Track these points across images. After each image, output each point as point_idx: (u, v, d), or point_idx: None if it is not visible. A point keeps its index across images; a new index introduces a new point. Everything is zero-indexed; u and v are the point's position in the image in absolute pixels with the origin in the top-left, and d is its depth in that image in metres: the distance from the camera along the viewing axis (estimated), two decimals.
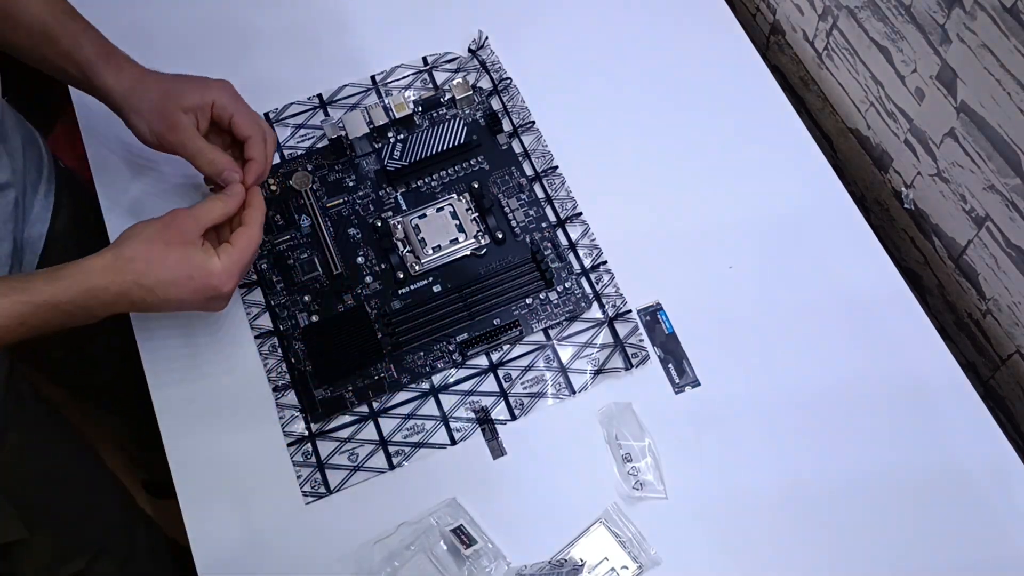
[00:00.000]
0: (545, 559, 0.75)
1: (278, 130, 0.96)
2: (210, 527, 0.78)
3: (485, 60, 0.99)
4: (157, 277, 0.73)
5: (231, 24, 1.03)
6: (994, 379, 0.88)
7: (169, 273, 0.73)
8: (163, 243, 0.74)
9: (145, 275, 0.72)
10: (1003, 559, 0.75)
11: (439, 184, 0.92)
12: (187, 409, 0.83)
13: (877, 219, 0.98)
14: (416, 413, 0.82)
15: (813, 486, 0.78)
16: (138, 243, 0.73)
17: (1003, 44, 0.70)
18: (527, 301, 0.86)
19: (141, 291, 0.72)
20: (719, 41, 1.00)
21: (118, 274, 0.72)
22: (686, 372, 0.82)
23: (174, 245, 0.74)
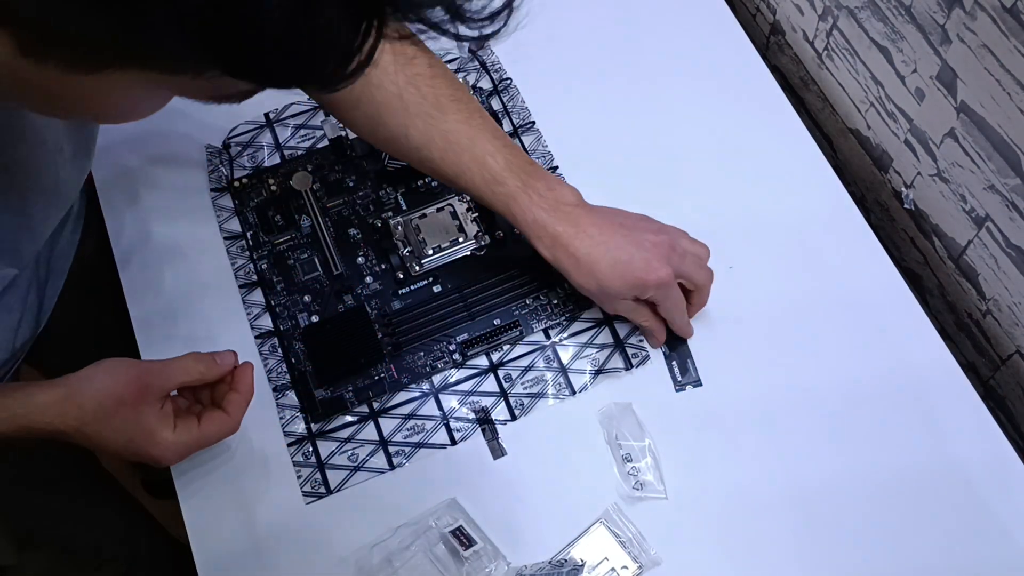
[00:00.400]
0: (545, 559, 0.75)
1: (278, 130, 0.96)
2: (210, 527, 0.78)
3: (485, 60, 0.99)
4: (99, 431, 0.68)
5: None
6: (994, 379, 0.88)
7: (111, 432, 0.69)
8: (117, 400, 0.68)
9: (88, 425, 0.68)
10: (1003, 559, 0.75)
11: (439, 184, 0.92)
12: None
13: (877, 219, 0.98)
14: (416, 413, 0.82)
15: (813, 486, 0.78)
16: (93, 392, 0.68)
17: (1003, 44, 0.70)
18: (527, 301, 0.86)
19: (79, 436, 0.68)
20: (719, 41, 1.00)
21: (62, 416, 0.67)
22: (689, 371, 0.82)
23: (129, 405, 0.69)
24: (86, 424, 0.68)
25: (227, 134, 0.96)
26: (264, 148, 0.95)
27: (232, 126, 0.96)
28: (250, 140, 0.96)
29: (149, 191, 0.93)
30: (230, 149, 0.95)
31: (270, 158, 0.95)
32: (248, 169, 0.94)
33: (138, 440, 0.70)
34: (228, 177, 0.94)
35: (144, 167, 0.94)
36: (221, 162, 0.94)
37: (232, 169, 0.94)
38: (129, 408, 0.69)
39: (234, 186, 0.93)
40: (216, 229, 0.91)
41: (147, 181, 0.94)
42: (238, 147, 0.95)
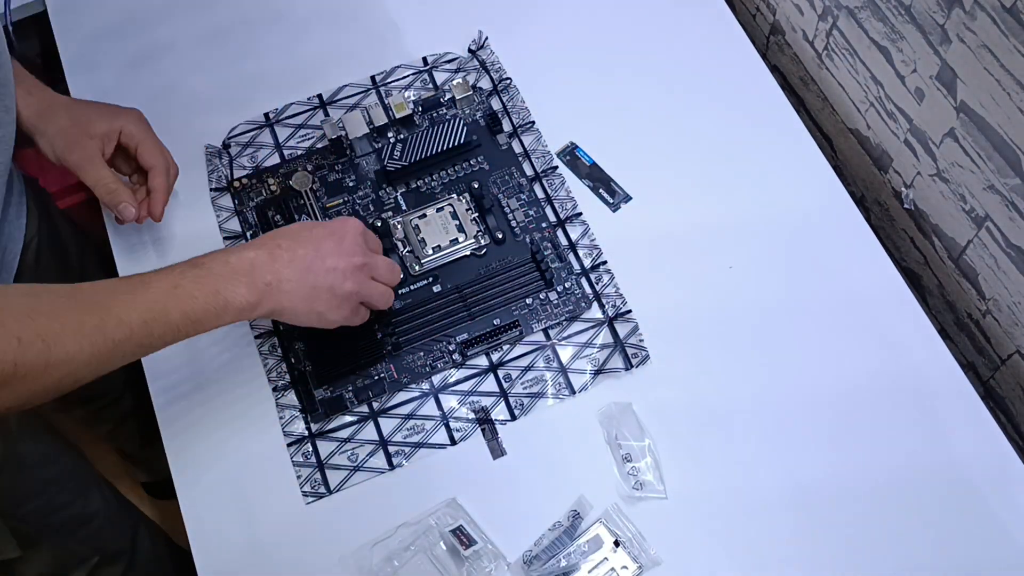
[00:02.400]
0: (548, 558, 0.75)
1: (278, 130, 0.96)
2: (210, 527, 0.78)
3: (485, 60, 0.99)
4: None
5: (231, 24, 1.03)
6: (994, 379, 0.88)
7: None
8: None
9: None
10: (1003, 559, 0.75)
11: (439, 184, 0.92)
12: (187, 409, 0.83)
13: (877, 219, 0.98)
14: (416, 413, 0.82)
15: (813, 486, 0.78)
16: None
17: (1003, 44, 0.70)
18: (527, 301, 0.86)
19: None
20: (719, 41, 1.00)
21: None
22: (616, 192, 0.79)
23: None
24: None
25: (227, 134, 0.96)
26: (264, 148, 0.95)
27: (232, 126, 0.96)
28: (250, 140, 0.96)
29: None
30: (230, 149, 0.95)
31: (270, 158, 0.95)
32: (248, 169, 0.94)
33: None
34: (228, 177, 0.94)
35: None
36: (221, 162, 0.94)
37: (232, 169, 0.94)
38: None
39: (234, 186, 0.93)
40: (216, 229, 0.91)
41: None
42: (238, 147, 0.95)
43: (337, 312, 0.76)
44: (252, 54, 1.01)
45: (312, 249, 0.74)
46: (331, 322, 0.76)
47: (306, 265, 0.73)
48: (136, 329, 0.65)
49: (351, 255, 0.75)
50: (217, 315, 0.69)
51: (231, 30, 1.03)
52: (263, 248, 0.72)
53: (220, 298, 0.69)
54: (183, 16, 1.04)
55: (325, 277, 0.74)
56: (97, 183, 0.83)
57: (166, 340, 0.68)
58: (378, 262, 0.79)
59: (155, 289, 0.67)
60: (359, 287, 0.76)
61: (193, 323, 0.68)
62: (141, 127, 0.85)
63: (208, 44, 1.02)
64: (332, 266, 0.74)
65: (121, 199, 0.83)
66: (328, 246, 0.75)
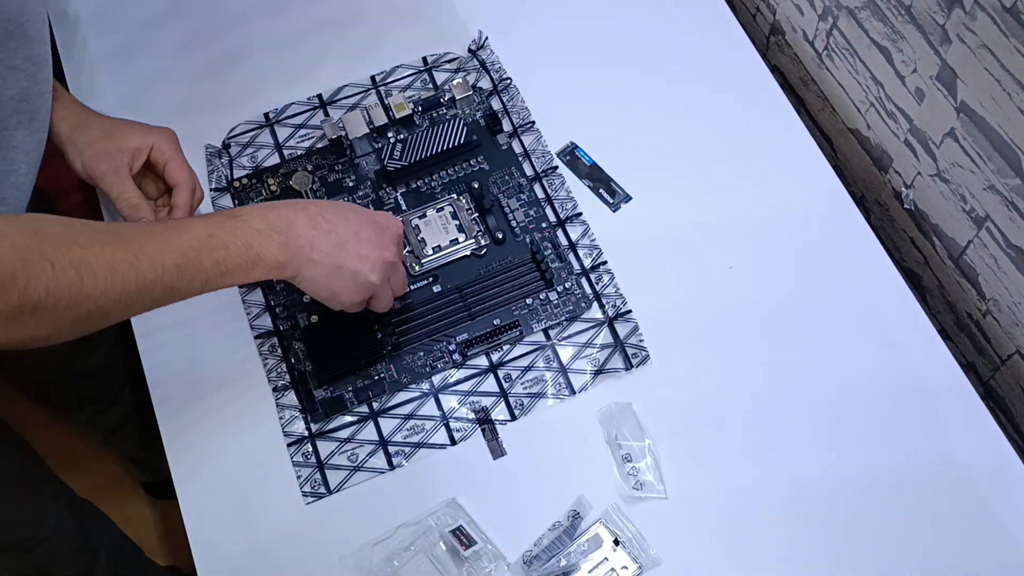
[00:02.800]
0: (548, 557, 0.75)
1: (278, 130, 0.96)
2: (210, 527, 0.78)
3: (485, 60, 0.99)
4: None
5: (231, 25, 1.03)
6: (994, 379, 0.88)
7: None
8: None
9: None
10: (1002, 559, 0.75)
11: (439, 184, 0.92)
12: (187, 409, 0.83)
13: (877, 219, 0.98)
14: (416, 413, 0.82)
15: (813, 486, 0.78)
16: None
17: (1003, 44, 0.70)
18: (527, 301, 0.86)
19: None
20: (719, 41, 1.00)
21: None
22: (616, 192, 0.79)
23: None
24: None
25: (227, 134, 0.96)
26: (264, 148, 0.95)
27: (232, 126, 0.96)
28: (250, 140, 0.96)
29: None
30: (230, 149, 0.95)
31: (270, 158, 0.95)
32: (248, 169, 0.94)
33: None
34: (228, 177, 0.94)
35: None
36: (221, 162, 0.94)
37: (232, 169, 0.94)
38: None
39: (234, 186, 0.93)
40: None
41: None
42: (238, 147, 0.95)
43: (350, 297, 0.76)
44: (252, 54, 1.01)
45: (352, 230, 0.74)
46: (340, 304, 0.77)
47: (342, 242, 0.73)
48: (168, 270, 0.65)
49: (386, 249, 0.76)
50: (247, 269, 0.69)
51: (231, 30, 1.03)
52: (304, 212, 0.73)
53: (252, 252, 0.69)
54: (183, 16, 1.04)
55: (355, 262, 0.74)
56: (120, 196, 0.83)
57: (194, 287, 0.68)
58: (400, 268, 0.80)
59: (191, 234, 0.67)
60: (380, 282, 0.77)
61: (222, 274, 0.68)
62: (172, 145, 0.85)
63: (208, 45, 1.01)
64: (365, 253, 0.75)
65: (142, 215, 0.83)
66: (367, 233, 0.75)
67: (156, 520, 1.48)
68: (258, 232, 0.70)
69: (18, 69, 0.72)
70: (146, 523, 1.48)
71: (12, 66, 0.71)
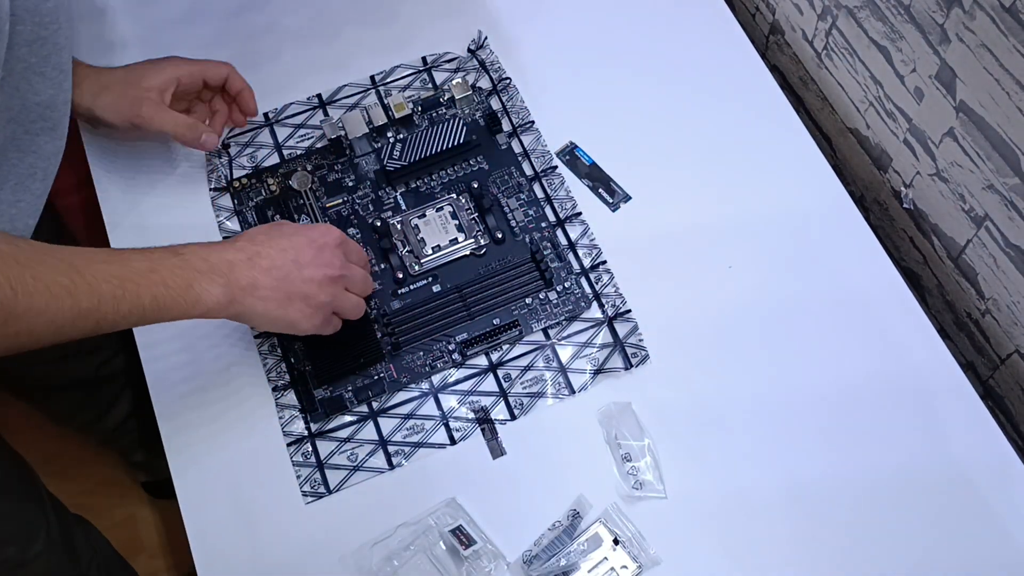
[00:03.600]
0: (548, 557, 0.75)
1: (277, 130, 0.96)
2: (210, 527, 0.78)
3: (484, 60, 0.99)
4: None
5: (230, 24, 1.03)
6: (993, 379, 0.88)
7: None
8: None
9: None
10: (1002, 558, 0.75)
11: (438, 184, 0.92)
12: (187, 409, 0.83)
13: (876, 219, 0.98)
14: (416, 413, 0.82)
15: (812, 485, 0.78)
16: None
17: (1002, 44, 0.70)
18: (527, 301, 0.86)
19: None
20: (718, 41, 1.00)
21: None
22: (615, 191, 0.80)
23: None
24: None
25: (226, 134, 0.96)
26: (263, 148, 0.95)
27: (231, 125, 0.96)
28: (249, 140, 0.96)
29: (148, 191, 0.93)
30: (229, 149, 0.95)
31: (269, 158, 0.95)
32: (247, 169, 0.94)
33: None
34: (228, 177, 0.94)
35: (143, 167, 0.94)
36: (221, 162, 0.94)
37: (232, 169, 0.94)
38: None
39: (233, 186, 0.93)
40: (216, 229, 0.91)
41: (146, 181, 0.94)
42: (237, 147, 0.95)
43: (308, 321, 0.76)
44: (251, 54, 1.01)
45: (291, 258, 0.74)
46: (302, 330, 0.76)
47: (284, 274, 0.73)
48: (105, 301, 0.65)
49: (328, 266, 0.76)
50: (186, 309, 0.69)
51: (230, 30, 1.03)
52: (242, 252, 0.73)
53: (192, 293, 0.69)
54: (182, 15, 1.04)
55: (301, 287, 0.74)
56: (175, 126, 0.87)
57: (130, 320, 0.67)
58: (354, 274, 0.79)
59: (131, 267, 0.67)
60: (332, 298, 0.76)
61: (160, 310, 0.68)
62: (188, 65, 0.89)
63: (207, 44, 1.01)
64: (309, 276, 0.74)
65: (201, 131, 0.88)
66: (307, 255, 0.75)
67: (156, 520, 1.48)
68: (199, 273, 0.70)
69: (47, 77, 0.73)
70: (146, 523, 1.48)
71: (41, 73, 0.72)
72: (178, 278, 0.68)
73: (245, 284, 0.71)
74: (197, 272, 0.69)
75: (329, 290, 0.76)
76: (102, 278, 0.65)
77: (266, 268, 0.73)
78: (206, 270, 0.70)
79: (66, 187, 1.21)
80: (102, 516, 1.24)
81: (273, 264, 0.73)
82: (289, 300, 0.73)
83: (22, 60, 0.70)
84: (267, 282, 0.72)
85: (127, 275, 0.66)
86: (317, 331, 0.77)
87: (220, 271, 0.70)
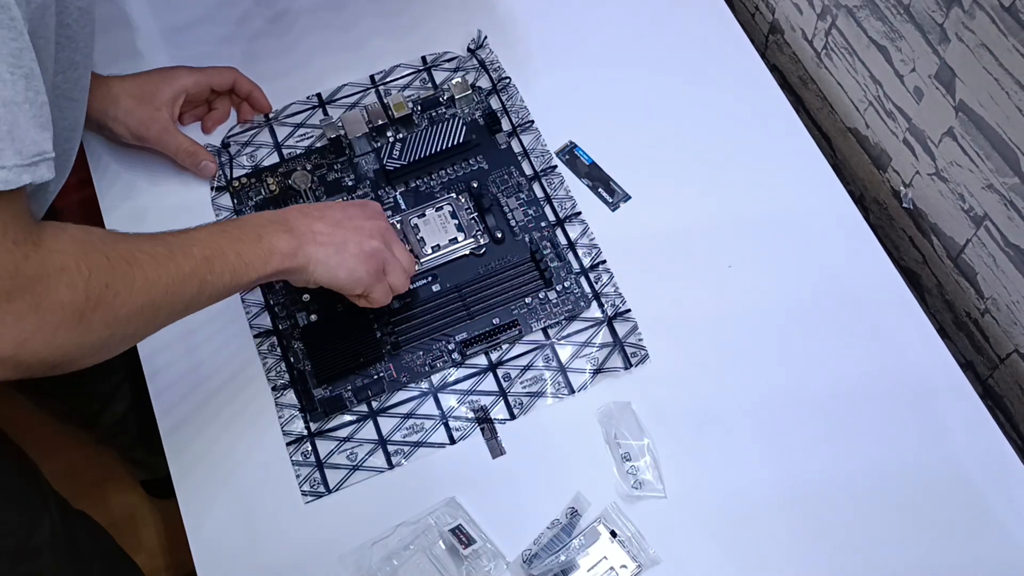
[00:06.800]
0: (548, 555, 0.75)
1: (277, 129, 0.96)
2: (209, 526, 0.78)
3: (484, 59, 0.99)
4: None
5: (230, 24, 1.03)
6: (992, 378, 0.88)
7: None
8: None
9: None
10: (1001, 557, 0.75)
11: (438, 183, 0.92)
12: (186, 408, 0.83)
13: (876, 218, 0.98)
14: (415, 412, 0.82)
15: (811, 485, 0.78)
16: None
17: (1002, 43, 0.70)
18: (526, 300, 0.86)
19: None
20: (718, 40, 1.00)
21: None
22: (615, 191, 0.81)
23: None
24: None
25: (226, 133, 0.96)
26: (263, 147, 0.95)
27: (231, 125, 0.96)
28: (249, 139, 0.96)
29: (148, 190, 0.93)
30: (229, 148, 0.95)
31: (269, 157, 0.95)
32: (247, 168, 0.94)
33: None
34: (227, 176, 0.94)
35: (143, 166, 0.94)
36: (220, 161, 0.94)
37: (231, 168, 0.94)
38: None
39: (233, 185, 0.93)
40: None
41: (146, 180, 0.94)
42: (237, 146, 0.95)
43: (364, 267, 0.77)
44: (251, 54, 1.01)
45: (339, 210, 0.78)
46: (358, 279, 0.77)
47: (335, 221, 0.77)
48: (199, 263, 0.67)
49: (376, 218, 0.80)
50: (264, 259, 0.71)
51: (229, 30, 1.03)
52: (294, 209, 0.77)
53: (265, 242, 0.72)
54: (181, 15, 1.04)
55: (354, 233, 0.77)
56: (178, 150, 0.91)
57: (224, 280, 0.69)
58: (398, 241, 0.82)
59: (205, 231, 0.70)
60: (384, 246, 0.79)
61: (245, 265, 0.70)
62: (195, 75, 0.92)
63: (207, 44, 1.01)
64: (359, 225, 0.78)
65: (202, 158, 0.91)
66: (353, 211, 0.79)
67: (155, 518, 1.48)
68: (262, 225, 0.73)
69: (75, 100, 0.75)
70: (145, 521, 1.48)
71: (72, 98, 0.75)
72: (248, 232, 0.71)
73: (305, 230, 0.74)
74: (260, 225, 0.73)
75: (380, 237, 0.79)
76: (188, 243, 0.68)
77: (318, 217, 0.76)
78: (266, 223, 0.73)
79: (66, 187, 1.21)
80: (102, 515, 1.24)
81: (324, 215, 0.77)
82: (345, 244, 0.76)
83: (58, 87, 0.72)
84: (322, 227, 0.75)
85: (204, 238, 0.69)
86: (370, 289, 0.78)
87: (279, 221, 0.74)
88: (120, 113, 0.88)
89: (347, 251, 0.76)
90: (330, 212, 0.77)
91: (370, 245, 0.77)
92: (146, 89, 0.89)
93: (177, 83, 0.91)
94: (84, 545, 1.09)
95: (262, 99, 0.96)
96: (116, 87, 0.89)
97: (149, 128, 0.89)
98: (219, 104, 0.96)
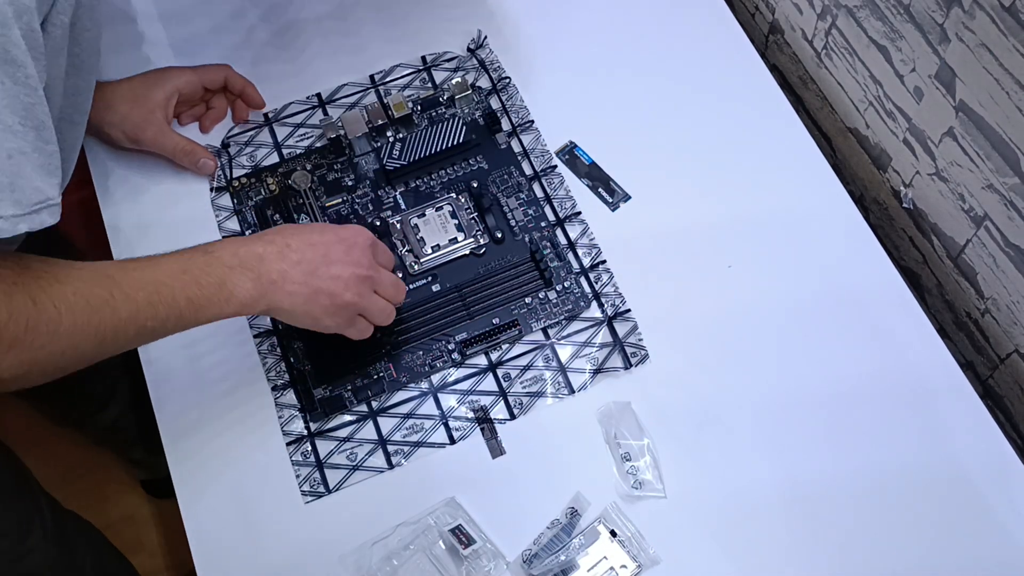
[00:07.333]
0: (548, 555, 0.75)
1: (277, 129, 0.96)
2: (209, 526, 0.78)
3: (484, 59, 0.99)
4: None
5: (229, 24, 1.03)
6: (992, 378, 0.88)
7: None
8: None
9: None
10: (1001, 557, 0.75)
11: (438, 183, 0.92)
12: (186, 408, 0.83)
13: (876, 218, 0.98)
14: (415, 412, 0.82)
15: (811, 485, 0.78)
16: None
17: (1002, 43, 0.70)
18: (526, 300, 0.86)
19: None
20: (718, 40, 1.00)
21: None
22: (615, 191, 0.81)
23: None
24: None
25: (226, 133, 0.96)
26: (263, 147, 0.95)
27: (231, 125, 0.96)
28: (249, 139, 0.96)
29: (148, 190, 0.93)
30: (229, 148, 0.95)
31: (269, 157, 0.95)
32: (247, 168, 0.94)
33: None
34: (227, 176, 0.93)
35: (143, 166, 0.94)
36: (220, 161, 0.94)
37: (231, 168, 0.94)
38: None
39: (233, 185, 0.93)
40: (215, 228, 0.91)
41: (146, 180, 0.93)
42: (237, 146, 0.95)
43: (331, 319, 0.75)
44: (251, 54, 1.01)
45: (320, 254, 0.74)
46: (325, 327, 0.76)
47: (312, 268, 0.73)
48: (142, 308, 0.65)
49: (357, 265, 0.76)
50: (220, 306, 0.69)
51: (229, 30, 1.03)
52: (273, 244, 0.73)
53: (225, 289, 0.69)
54: (182, 16, 1.04)
55: (328, 283, 0.74)
56: (175, 150, 0.91)
57: (168, 326, 0.68)
58: (383, 277, 0.78)
59: (164, 270, 0.68)
60: (359, 299, 0.76)
61: (197, 310, 0.68)
62: (187, 74, 0.92)
63: (207, 44, 1.01)
64: (336, 274, 0.74)
65: (199, 156, 0.91)
66: (337, 252, 0.75)
67: (155, 519, 1.48)
68: (230, 268, 0.70)
69: (76, 123, 0.76)
70: (145, 522, 1.48)
71: (73, 121, 0.75)
72: (210, 276, 0.69)
73: (275, 277, 0.72)
74: (227, 268, 0.70)
75: (356, 289, 0.75)
76: (137, 285, 0.66)
77: (295, 261, 0.73)
78: (236, 265, 0.70)
79: (66, 186, 1.22)
80: (101, 515, 1.24)
81: (303, 258, 0.73)
82: (315, 296, 0.73)
83: (63, 110, 0.72)
84: (296, 275, 0.72)
85: (160, 279, 0.67)
86: (341, 331, 0.77)
87: (250, 265, 0.71)
88: (116, 119, 0.89)
89: (316, 303, 0.74)
90: (310, 252, 0.73)
91: (342, 299, 0.75)
92: (139, 92, 0.89)
93: (169, 83, 0.91)
94: (77, 546, 1.09)
95: (255, 95, 0.95)
96: (109, 93, 0.88)
97: (144, 131, 0.89)
98: (215, 102, 0.96)
